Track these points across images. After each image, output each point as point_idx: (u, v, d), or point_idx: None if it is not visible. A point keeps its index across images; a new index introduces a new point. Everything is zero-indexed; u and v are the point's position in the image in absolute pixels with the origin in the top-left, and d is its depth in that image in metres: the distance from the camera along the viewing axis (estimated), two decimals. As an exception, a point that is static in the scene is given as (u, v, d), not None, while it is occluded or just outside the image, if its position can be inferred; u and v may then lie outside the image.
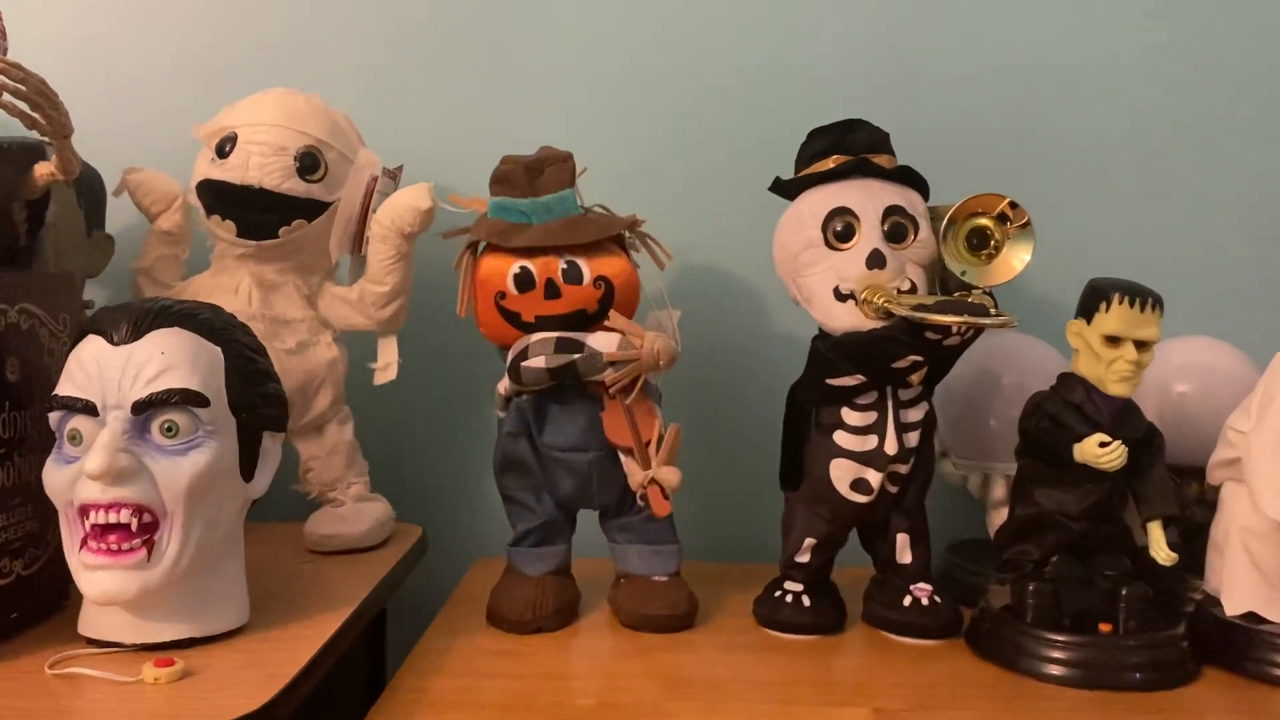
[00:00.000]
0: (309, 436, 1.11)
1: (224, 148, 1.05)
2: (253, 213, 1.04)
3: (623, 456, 0.96)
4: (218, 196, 1.05)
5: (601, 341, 0.95)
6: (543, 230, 0.96)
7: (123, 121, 1.23)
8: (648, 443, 0.94)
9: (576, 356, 0.94)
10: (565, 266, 0.96)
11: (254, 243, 1.06)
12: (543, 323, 0.97)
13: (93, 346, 0.80)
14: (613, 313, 0.96)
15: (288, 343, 1.07)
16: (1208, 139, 1.25)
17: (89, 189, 1.08)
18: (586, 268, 0.97)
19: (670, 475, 0.94)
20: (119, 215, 1.13)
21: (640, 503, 0.95)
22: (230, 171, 1.04)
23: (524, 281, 0.96)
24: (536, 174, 0.98)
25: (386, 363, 1.10)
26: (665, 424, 0.96)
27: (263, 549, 1.06)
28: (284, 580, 0.98)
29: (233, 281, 1.07)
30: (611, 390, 0.94)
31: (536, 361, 0.95)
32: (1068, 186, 1.24)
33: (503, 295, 0.97)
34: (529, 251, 0.97)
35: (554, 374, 0.95)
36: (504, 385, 0.98)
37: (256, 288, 1.07)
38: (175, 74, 1.26)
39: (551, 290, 0.96)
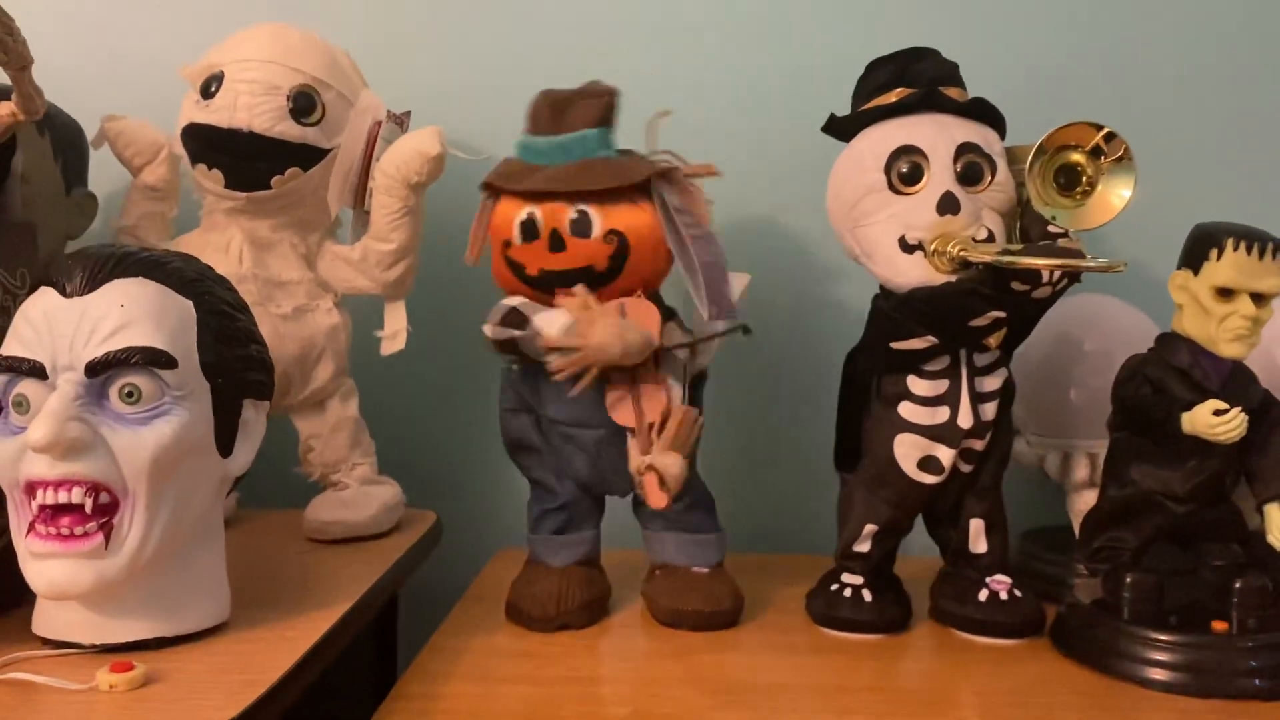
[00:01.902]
0: (309, 413, 1.04)
1: (209, 88, 0.98)
2: (242, 160, 0.97)
3: (630, 437, 0.88)
4: (203, 142, 0.98)
5: (548, 321, 0.87)
6: (552, 173, 0.88)
7: (104, 66, 1.16)
8: (651, 425, 0.86)
9: (519, 334, 0.87)
10: (574, 216, 0.87)
11: (244, 194, 0.98)
12: (546, 277, 0.88)
13: (43, 300, 0.71)
14: (577, 288, 0.87)
15: (283, 307, 1.00)
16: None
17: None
18: (599, 219, 0.87)
19: (671, 463, 0.85)
20: (105, 172, 1.06)
21: (638, 491, 0.87)
22: (216, 114, 0.96)
23: (529, 230, 0.88)
24: (564, 110, 0.89)
25: (394, 330, 1.04)
26: (702, 406, 0.88)
27: (257, 538, 1.01)
28: (276, 572, 0.91)
29: (223, 239, 1.01)
30: (555, 378, 0.86)
31: (486, 329, 0.88)
32: (1163, 118, 1.16)
33: (509, 244, 0.89)
34: (537, 197, 0.88)
35: (502, 347, 0.88)
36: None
37: (248, 246, 1.00)
38: (161, 12, 1.19)
39: (556, 242, 0.87)
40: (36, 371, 0.69)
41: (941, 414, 0.88)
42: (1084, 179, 0.84)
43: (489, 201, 0.91)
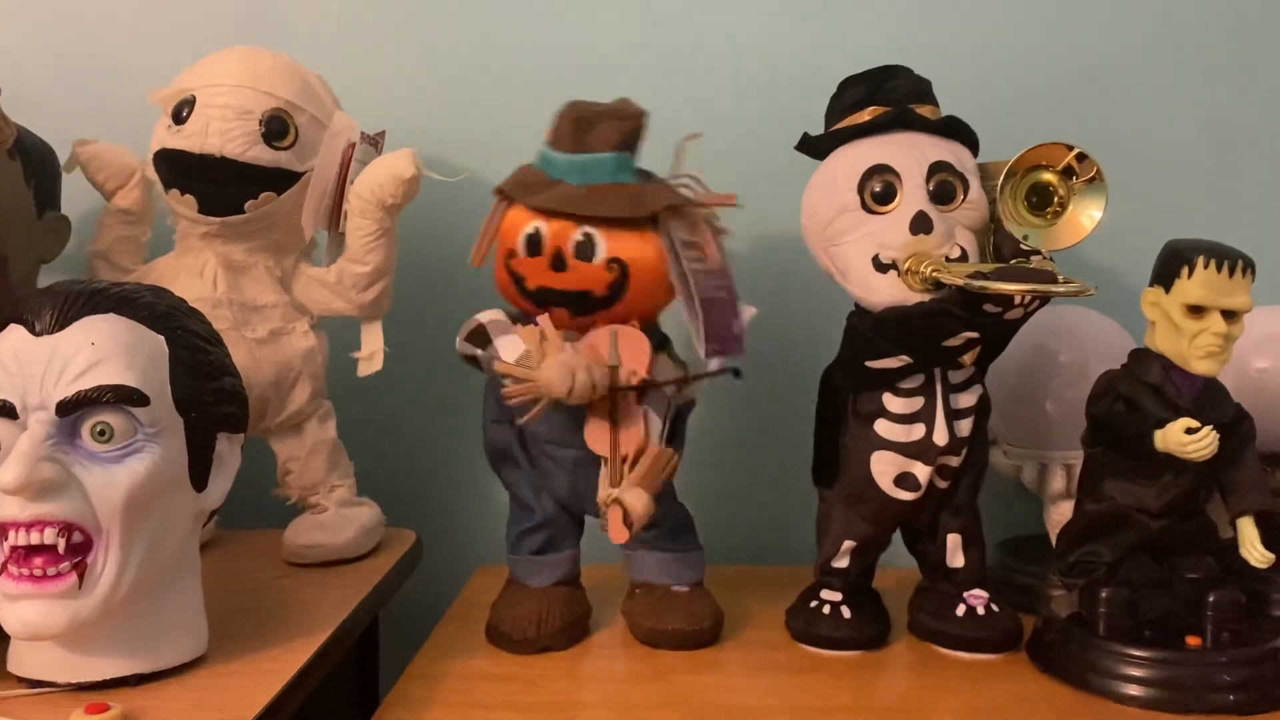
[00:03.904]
0: (286, 436, 1.04)
1: (181, 113, 0.97)
2: (214, 185, 0.96)
3: (602, 464, 0.87)
4: (175, 167, 0.97)
5: (506, 347, 0.87)
6: (565, 192, 0.87)
7: (77, 90, 1.15)
8: (625, 458, 0.85)
9: (478, 352, 0.87)
10: (580, 239, 0.86)
11: (218, 219, 0.97)
12: (543, 294, 0.88)
13: (13, 338, 0.71)
14: (541, 319, 0.86)
15: (259, 331, 0.99)
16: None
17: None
18: (604, 244, 0.86)
19: (636, 501, 0.83)
20: (78, 195, 1.05)
21: (600, 521, 0.86)
22: (188, 139, 0.95)
23: (533, 244, 0.87)
24: (588, 128, 0.88)
25: (371, 351, 1.03)
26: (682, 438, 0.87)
27: (236, 562, 1.01)
28: (256, 599, 0.90)
29: (197, 263, 1.00)
30: (508, 402, 0.85)
31: (457, 340, 0.88)
32: (1134, 138, 1.16)
33: (512, 254, 0.89)
34: (547, 213, 0.87)
35: (466, 360, 0.88)
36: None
37: (223, 270, 0.99)
38: (133, 35, 1.18)
39: (558, 261, 0.87)
40: (7, 411, 0.69)
41: (917, 431, 0.88)
42: (1056, 199, 0.84)
43: (500, 206, 0.90)
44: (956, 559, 0.91)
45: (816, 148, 0.92)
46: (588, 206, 0.86)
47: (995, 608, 0.90)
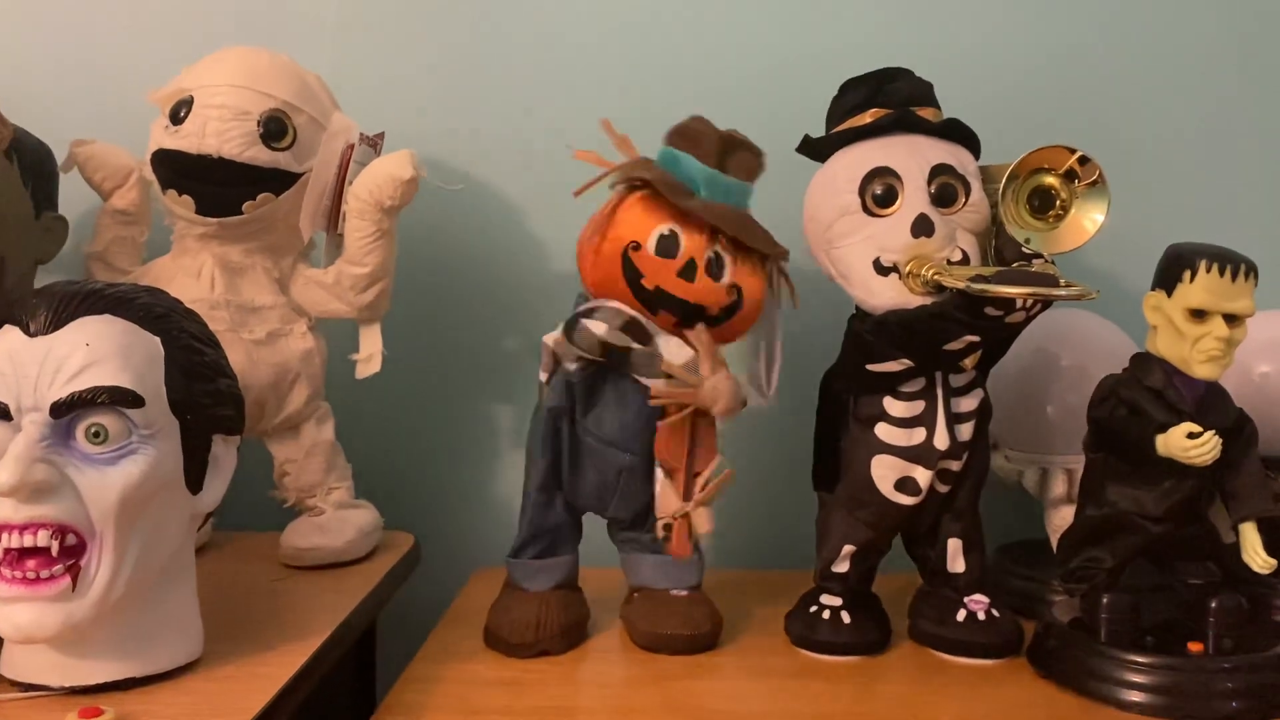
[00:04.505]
0: (284, 438, 1.03)
1: (179, 113, 0.96)
2: (212, 186, 0.96)
3: (660, 476, 0.88)
4: (173, 168, 0.96)
5: (672, 348, 0.87)
6: (715, 208, 0.88)
7: (74, 90, 1.15)
8: (696, 474, 0.87)
9: (637, 346, 0.87)
10: (712, 255, 0.88)
11: (215, 220, 0.97)
12: (660, 297, 0.88)
13: (7, 339, 0.70)
14: (699, 328, 0.87)
15: (257, 333, 0.99)
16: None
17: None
18: (730, 267, 0.89)
19: (705, 518, 0.87)
20: (75, 195, 1.04)
21: (661, 532, 0.88)
22: (185, 140, 0.95)
23: (668, 246, 0.88)
24: (729, 150, 0.89)
25: (369, 353, 1.03)
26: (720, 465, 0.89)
27: (232, 564, 1.00)
28: (251, 602, 0.90)
29: (195, 264, 0.99)
30: (652, 402, 0.86)
31: (598, 327, 0.87)
32: (1137, 142, 1.16)
33: (636, 246, 0.88)
34: (688, 220, 0.88)
35: (605, 350, 0.87)
36: (553, 338, 0.89)
37: (220, 271, 0.99)
38: (130, 35, 1.17)
39: (689, 270, 0.87)
40: (1, 413, 0.68)
41: (918, 435, 0.87)
42: (1058, 202, 0.84)
43: (622, 190, 0.90)
44: (957, 564, 0.91)
45: (817, 150, 0.92)
46: (738, 229, 0.88)
47: (996, 613, 0.89)
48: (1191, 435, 0.79)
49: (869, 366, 0.87)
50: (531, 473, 0.92)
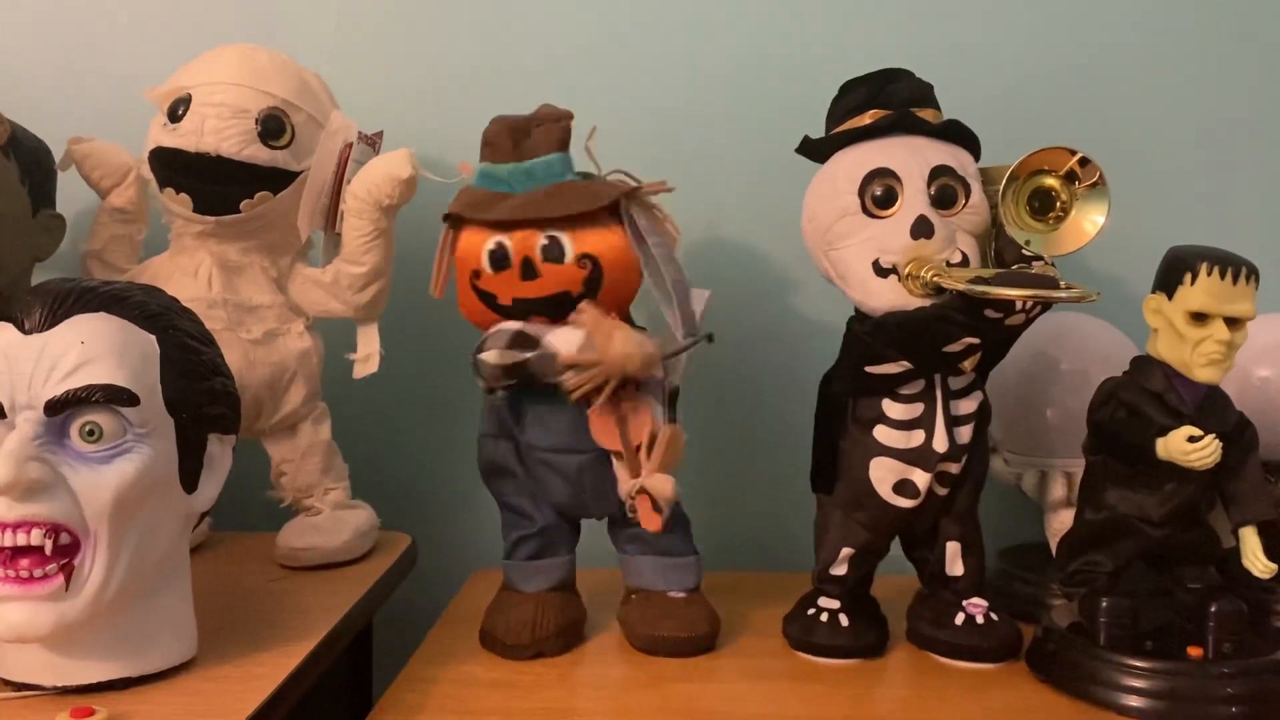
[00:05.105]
0: (280, 437, 1.03)
1: (177, 111, 0.96)
2: (210, 184, 0.96)
3: (615, 461, 0.87)
4: (170, 166, 0.96)
5: (562, 339, 0.86)
6: (520, 201, 0.87)
7: (72, 87, 1.15)
8: (638, 447, 0.85)
9: (530, 355, 0.85)
10: (545, 243, 0.86)
11: (213, 219, 0.97)
12: (520, 306, 0.88)
13: (2, 336, 0.70)
14: (581, 307, 0.86)
15: (254, 332, 0.99)
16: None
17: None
18: (570, 244, 0.87)
19: (662, 485, 0.84)
20: (73, 193, 1.05)
21: (630, 514, 0.86)
22: (183, 138, 0.95)
23: (499, 259, 0.87)
24: (524, 136, 0.88)
25: (367, 353, 1.03)
26: (680, 424, 0.87)
27: (228, 564, 1.00)
28: (247, 602, 0.90)
29: (192, 263, 0.99)
30: (573, 396, 0.84)
31: (490, 355, 0.86)
32: (1138, 144, 1.16)
33: (478, 274, 0.88)
34: (505, 225, 0.87)
35: (508, 372, 0.86)
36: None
37: (218, 269, 0.99)
38: (128, 32, 1.17)
39: (528, 270, 0.86)
40: (-6, 410, 0.68)
41: (917, 438, 0.87)
42: (1058, 204, 0.83)
43: (451, 232, 0.90)
44: (956, 567, 0.90)
45: (817, 151, 0.92)
46: (551, 208, 0.86)
47: (994, 616, 0.89)
48: (1192, 439, 0.79)
49: (868, 368, 0.86)
50: (496, 490, 0.93)
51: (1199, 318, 0.81)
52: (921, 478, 0.87)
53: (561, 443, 0.89)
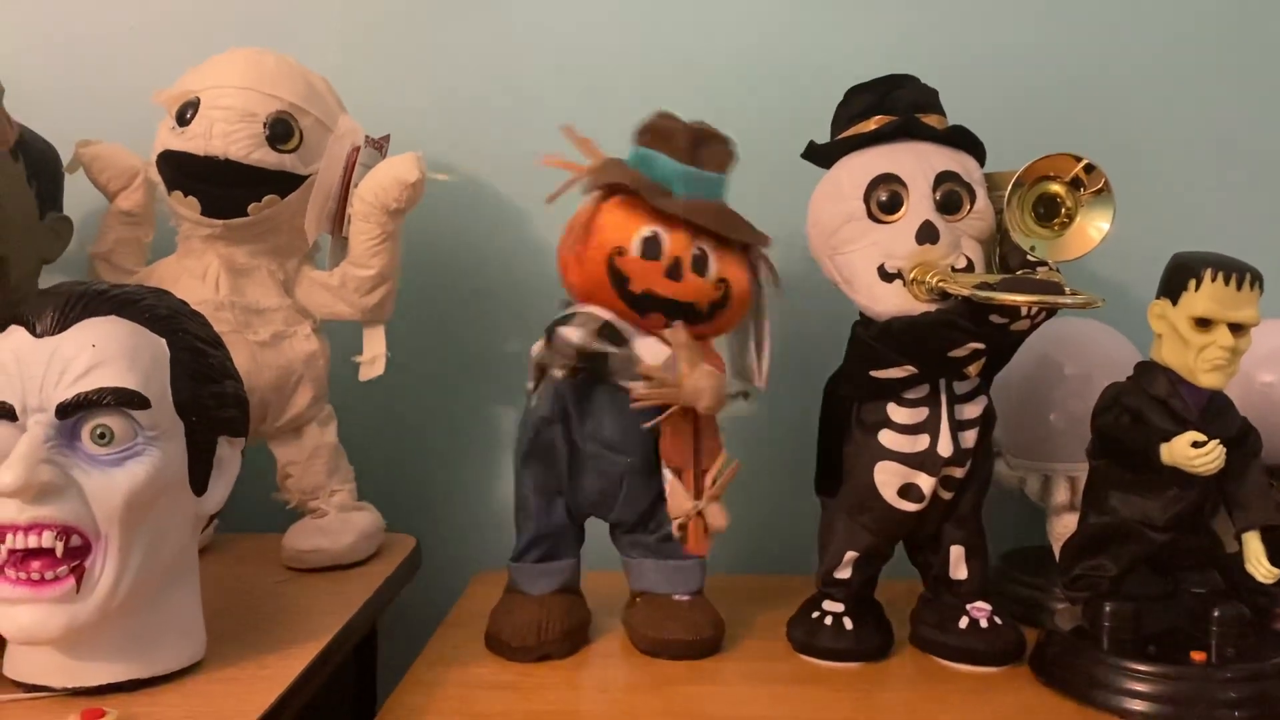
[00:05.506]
0: (287, 439, 1.03)
1: (185, 114, 0.96)
2: (218, 187, 0.96)
3: (668, 476, 0.88)
4: (179, 169, 0.96)
5: (649, 349, 0.87)
6: (694, 206, 0.87)
7: (80, 91, 1.14)
8: (704, 471, 0.87)
9: (613, 350, 0.86)
10: (697, 253, 0.87)
11: (221, 222, 0.97)
12: (649, 299, 0.87)
13: (13, 339, 0.70)
14: (676, 326, 0.87)
15: (261, 334, 0.99)
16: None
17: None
18: (715, 262, 0.88)
19: (718, 515, 0.87)
20: (80, 195, 1.05)
21: (676, 533, 0.88)
22: (192, 141, 0.95)
23: (651, 248, 0.87)
24: (700, 143, 0.89)
25: (373, 355, 1.03)
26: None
27: (235, 566, 1.00)
28: (254, 604, 0.90)
29: (200, 266, 0.99)
30: (633, 405, 0.85)
31: (573, 334, 0.86)
32: (1143, 150, 1.16)
33: (621, 252, 0.87)
34: (669, 220, 0.87)
35: (583, 357, 0.86)
36: (538, 347, 0.89)
37: (225, 272, 0.99)
38: (137, 36, 1.17)
39: (675, 271, 0.87)
40: (6, 413, 0.68)
41: (921, 442, 0.87)
42: (1063, 210, 0.84)
43: (598, 196, 0.89)
44: (959, 571, 0.91)
45: (822, 156, 0.92)
46: (720, 224, 0.88)
47: (998, 620, 0.89)
48: (1196, 444, 0.80)
49: (873, 373, 0.87)
50: (524, 479, 0.92)
51: (1203, 323, 0.81)
52: (926, 482, 0.87)
53: (616, 441, 0.89)
